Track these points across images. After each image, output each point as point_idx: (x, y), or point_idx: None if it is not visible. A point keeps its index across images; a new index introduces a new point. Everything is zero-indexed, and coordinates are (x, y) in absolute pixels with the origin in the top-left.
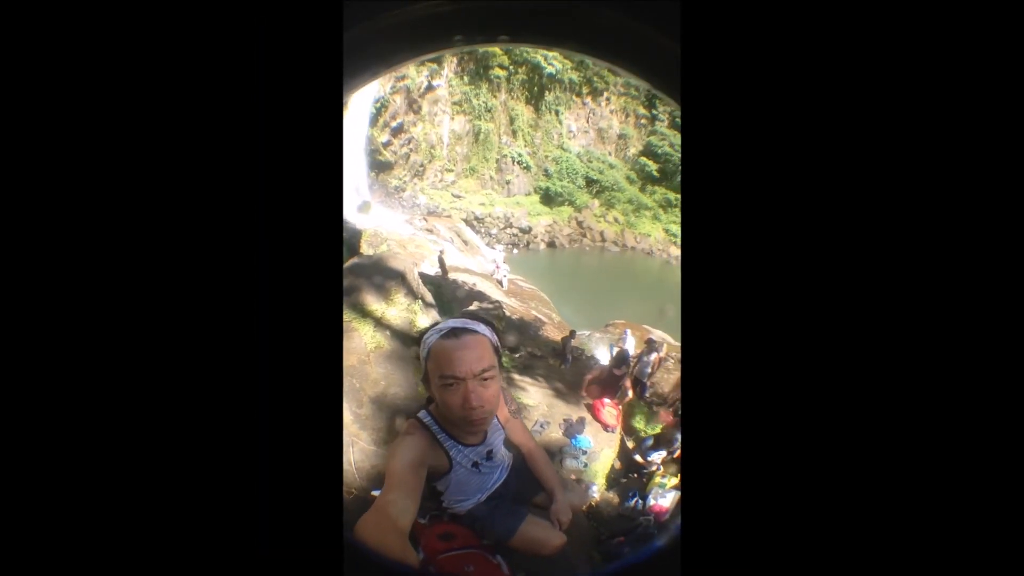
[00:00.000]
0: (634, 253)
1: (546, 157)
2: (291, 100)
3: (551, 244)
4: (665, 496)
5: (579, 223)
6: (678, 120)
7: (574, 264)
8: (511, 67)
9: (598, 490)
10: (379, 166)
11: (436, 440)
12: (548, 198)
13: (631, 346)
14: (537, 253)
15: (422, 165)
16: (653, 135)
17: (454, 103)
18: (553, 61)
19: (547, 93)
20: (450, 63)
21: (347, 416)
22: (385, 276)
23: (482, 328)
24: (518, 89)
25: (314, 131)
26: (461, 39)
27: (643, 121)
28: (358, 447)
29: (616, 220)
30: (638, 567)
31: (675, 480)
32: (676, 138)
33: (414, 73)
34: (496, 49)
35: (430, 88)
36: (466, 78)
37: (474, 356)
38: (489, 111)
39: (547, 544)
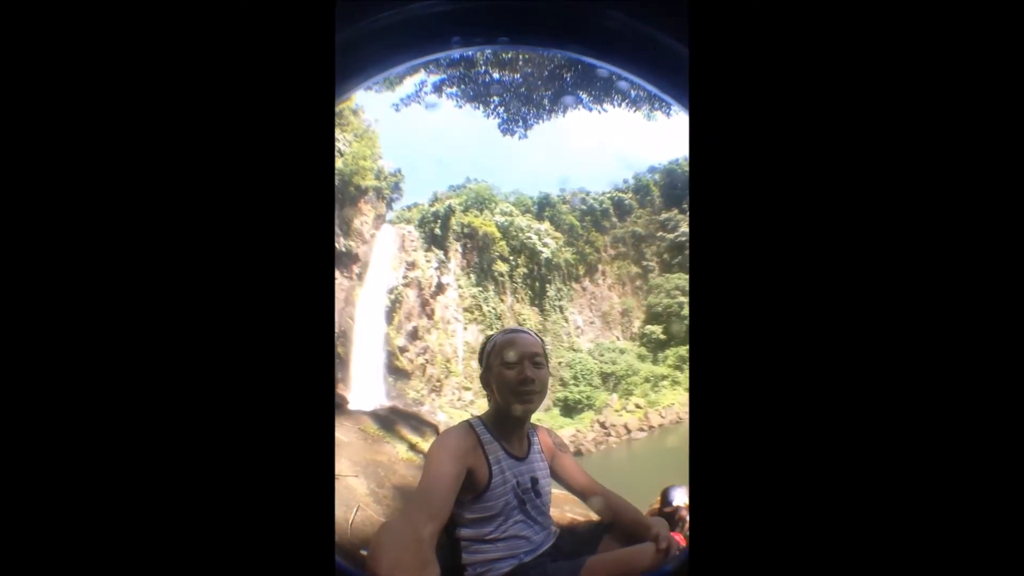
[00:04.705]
0: (662, 429)
1: (559, 363)
2: (282, 102)
3: (578, 453)
4: None
5: (601, 424)
6: (666, 256)
7: (603, 465)
8: (512, 257)
9: None
10: (396, 372)
11: (480, 444)
12: (568, 408)
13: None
14: None
15: (439, 380)
16: (651, 293)
17: (465, 310)
18: (548, 239)
19: (548, 286)
20: (455, 252)
21: (363, 488)
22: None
23: (532, 332)
24: (522, 289)
25: (305, 134)
26: (459, 40)
27: (638, 282)
28: (364, 514)
29: (637, 406)
30: None
31: None
32: (672, 281)
33: (423, 262)
34: (495, 232)
35: (440, 288)
36: (472, 276)
37: (528, 342)
38: (499, 318)
39: (640, 559)
